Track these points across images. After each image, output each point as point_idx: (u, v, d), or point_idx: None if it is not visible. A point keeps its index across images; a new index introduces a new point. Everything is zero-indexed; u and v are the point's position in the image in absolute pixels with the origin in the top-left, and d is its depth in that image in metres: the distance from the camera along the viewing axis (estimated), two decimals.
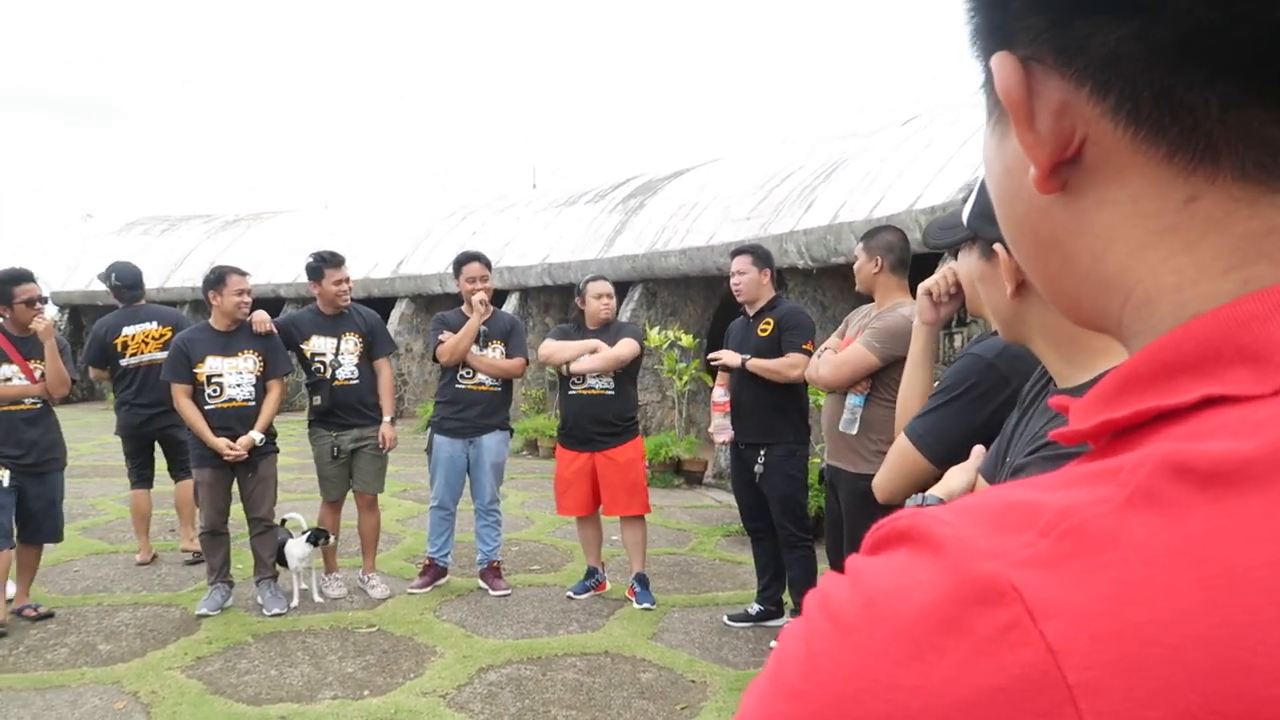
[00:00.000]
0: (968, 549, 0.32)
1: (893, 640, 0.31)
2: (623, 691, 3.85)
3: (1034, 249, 0.45)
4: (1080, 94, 0.38)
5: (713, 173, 11.80)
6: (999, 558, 0.32)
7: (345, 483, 5.16)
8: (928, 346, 2.22)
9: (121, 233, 19.16)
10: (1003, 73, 0.40)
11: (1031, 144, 0.40)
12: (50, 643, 4.34)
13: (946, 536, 0.34)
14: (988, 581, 0.31)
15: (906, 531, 0.36)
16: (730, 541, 6.47)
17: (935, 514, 0.35)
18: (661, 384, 10.62)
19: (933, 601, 0.31)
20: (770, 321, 4.39)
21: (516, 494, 8.12)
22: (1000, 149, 0.44)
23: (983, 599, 0.31)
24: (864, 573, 0.35)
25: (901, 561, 0.34)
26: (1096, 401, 0.39)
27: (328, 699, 3.74)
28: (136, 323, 5.86)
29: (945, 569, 0.32)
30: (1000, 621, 0.30)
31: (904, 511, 0.37)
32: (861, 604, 0.33)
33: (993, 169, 0.46)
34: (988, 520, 0.34)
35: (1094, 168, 0.40)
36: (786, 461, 4.41)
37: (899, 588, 0.33)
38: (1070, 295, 0.45)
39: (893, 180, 8.26)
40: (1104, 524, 0.32)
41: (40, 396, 4.60)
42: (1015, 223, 0.46)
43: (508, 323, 5.23)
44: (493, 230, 14.07)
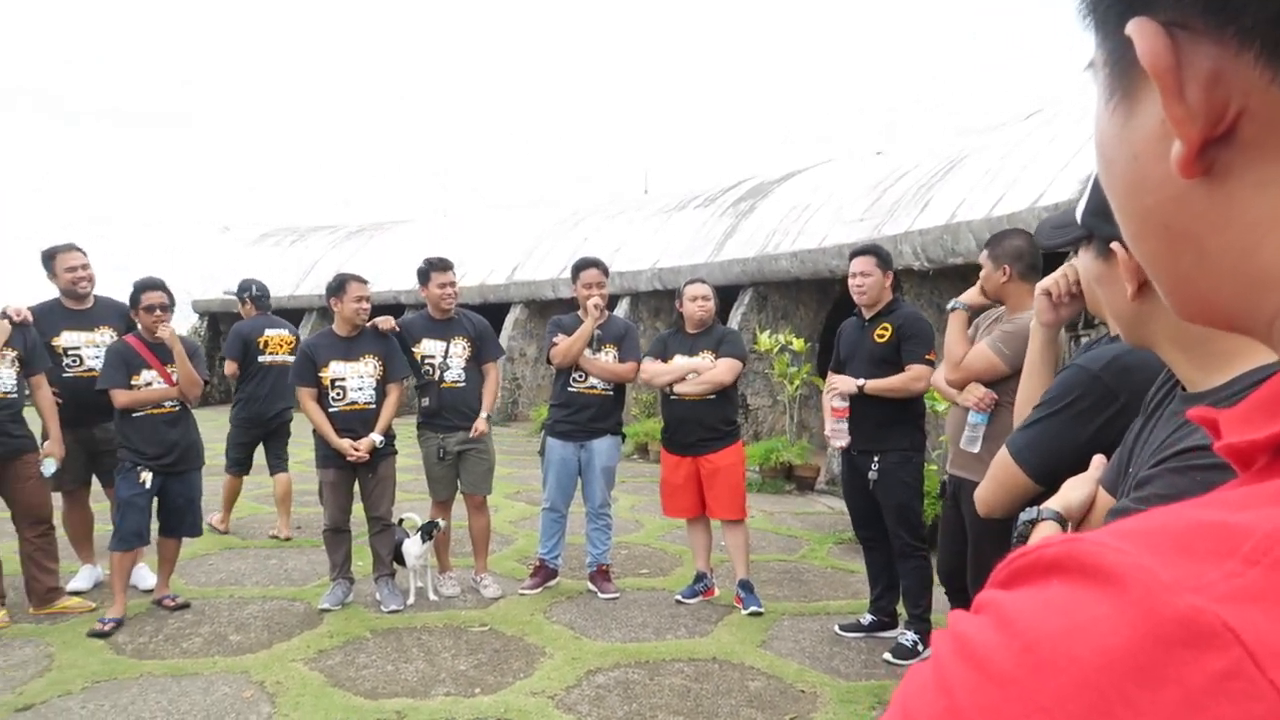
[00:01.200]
0: (1154, 580, 0.27)
1: (1071, 692, 0.26)
2: (730, 699, 3.81)
3: (1164, 244, 0.40)
4: (1239, 61, 0.34)
5: (825, 174, 11.62)
6: (1199, 591, 0.26)
7: (453, 484, 5.28)
8: (1046, 349, 2.11)
9: (255, 244, 20.17)
10: (1146, 39, 0.35)
11: (1181, 118, 0.35)
12: (186, 632, 4.58)
13: (1123, 565, 0.28)
14: (1193, 619, 0.26)
15: (1060, 561, 0.30)
16: (843, 549, 6.34)
17: (1100, 540, 0.30)
18: (772, 388, 10.51)
19: (1121, 644, 0.26)
20: (888, 327, 4.27)
21: (626, 498, 8.15)
22: (1124, 133, 0.39)
23: (1189, 641, 0.26)
24: (1012, 611, 0.30)
25: (1063, 596, 0.29)
26: (1265, 409, 0.34)
27: (441, 695, 3.82)
28: (275, 328, 6.66)
29: (1131, 605, 0.27)
30: (1215, 669, 0.25)
31: (1053, 538, 0.32)
32: (1020, 649, 0.28)
33: (1114, 157, 0.41)
34: (1170, 546, 0.29)
35: (1251, 145, 0.35)
36: (902, 468, 4.28)
37: (1069, 628, 0.28)
38: (1205, 295, 0.40)
39: (1015, 177, 7.95)
40: None
41: (178, 399, 4.85)
42: (1142, 216, 0.40)
43: (621, 327, 5.26)
44: (604, 235, 14.21)
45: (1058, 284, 2.03)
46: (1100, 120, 0.42)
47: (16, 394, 4.71)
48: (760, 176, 13.35)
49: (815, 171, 12.04)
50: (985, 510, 1.82)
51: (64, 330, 5.13)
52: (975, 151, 9.12)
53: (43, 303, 5.15)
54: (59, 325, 5.11)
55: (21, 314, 4.86)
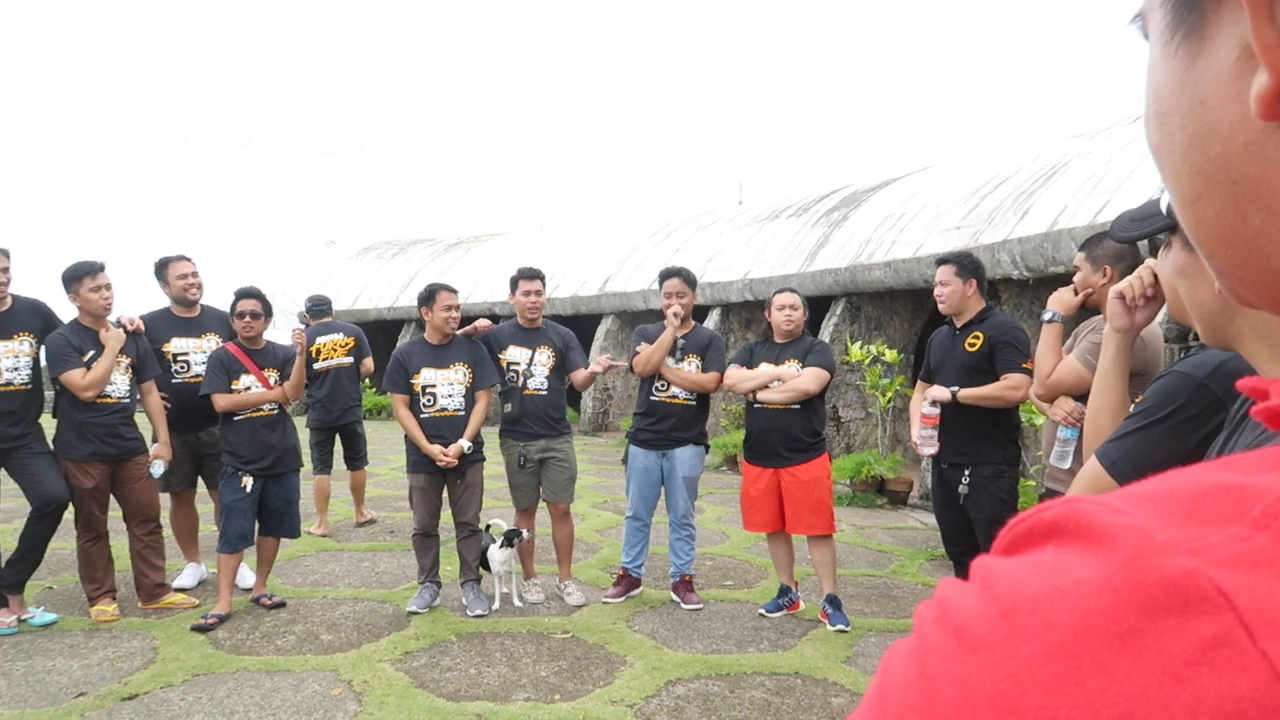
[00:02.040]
0: (1149, 541, 0.25)
1: (1044, 659, 0.24)
2: (813, 715, 3.73)
3: (1229, 205, 0.35)
4: None
5: (921, 181, 11.37)
6: (1195, 553, 0.25)
7: (535, 491, 5.33)
8: (1120, 357, 1.99)
9: (358, 257, 20.85)
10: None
11: (1271, 43, 0.31)
12: (280, 630, 4.73)
13: (1117, 525, 0.26)
14: (1180, 582, 0.24)
15: (1057, 523, 0.28)
16: (935, 566, 6.16)
17: (1100, 500, 0.28)
18: (864, 400, 10.32)
19: (1100, 609, 0.24)
20: (980, 335, 4.14)
21: (713, 509, 8.10)
22: (1189, 76, 0.35)
23: (1173, 605, 0.24)
24: (997, 575, 0.28)
25: (1051, 559, 0.27)
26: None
27: (521, 700, 3.85)
28: (326, 334, 7.05)
29: (1118, 566, 0.25)
30: (1201, 636, 0.23)
31: (1054, 500, 0.29)
32: (997, 613, 0.26)
33: (1171, 107, 0.36)
34: (1175, 507, 0.27)
35: None
36: (994, 482, 4.13)
37: (1049, 591, 0.26)
38: (1272, 265, 0.35)
39: (1120, 182, 7.63)
40: None
41: (277, 402, 5.04)
42: (1205, 172, 0.35)
43: (706, 337, 5.23)
44: (695, 246, 14.20)
45: (1132, 286, 1.92)
46: (1155, 70, 0.37)
47: (129, 399, 4.96)
48: (854, 185, 13.15)
49: (911, 179, 11.79)
50: None
51: (173, 337, 5.39)
52: (1078, 156, 8.79)
53: (153, 311, 5.43)
54: (169, 332, 5.38)
55: (135, 323, 5.13)
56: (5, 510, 4.92)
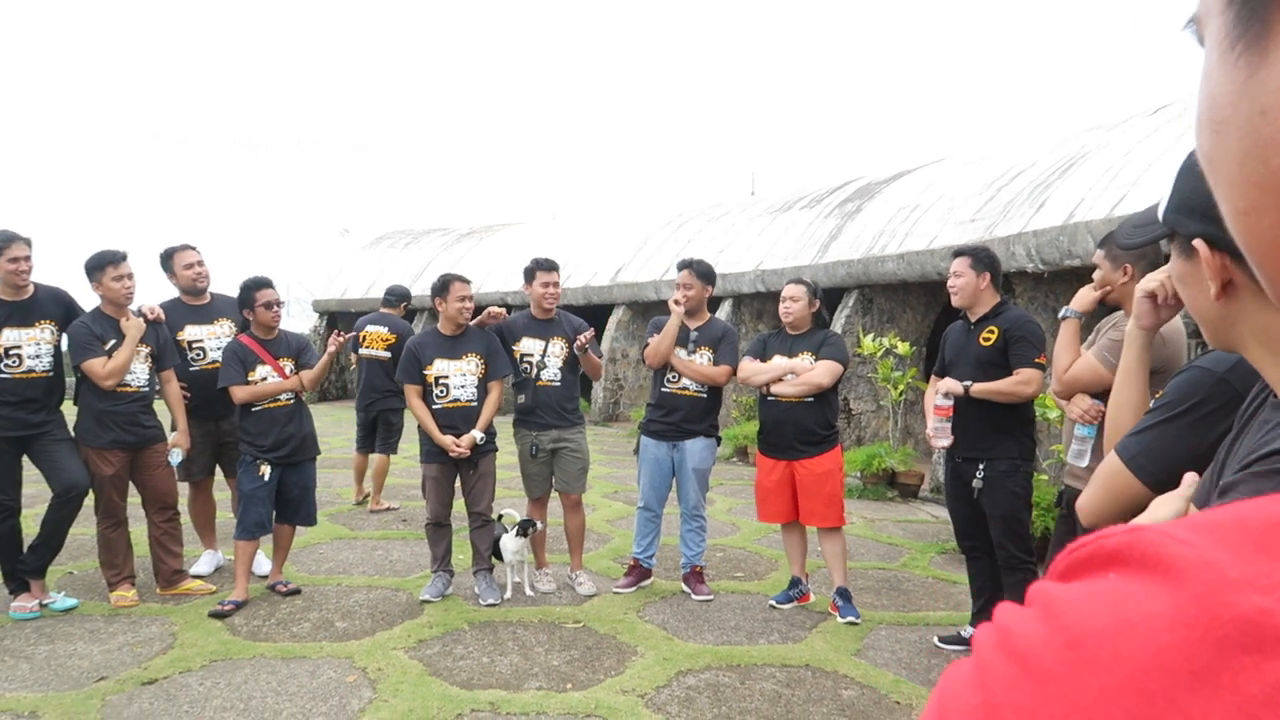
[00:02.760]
0: (1219, 577, 0.25)
1: (1114, 693, 0.24)
2: (822, 707, 3.76)
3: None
4: None
5: (936, 173, 11.33)
6: (1270, 590, 0.24)
7: (547, 481, 5.37)
8: (1143, 354, 2.00)
9: (371, 246, 20.92)
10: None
11: None
12: (296, 617, 4.79)
13: (1186, 558, 0.26)
14: (1257, 620, 0.24)
15: (1121, 551, 0.28)
16: (945, 559, 6.17)
17: (1166, 530, 0.28)
18: (876, 393, 10.31)
19: (1174, 645, 0.24)
20: (994, 330, 4.14)
21: (724, 500, 8.13)
22: (1250, 85, 0.34)
23: (1248, 645, 0.23)
24: (1061, 604, 0.28)
25: (1115, 589, 0.27)
26: None
27: (533, 689, 3.89)
28: (376, 324, 7.36)
29: (1190, 601, 0.25)
30: (1277, 677, 0.23)
31: (1116, 528, 0.29)
32: (1064, 644, 0.26)
33: (1230, 115, 0.35)
34: (1244, 540, 0.26)
35: None
36: (1009, 477, 4.14)
37: (1119, 623, 0.25)
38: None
39: (1138, 175, 7.59)
40: None
41: (293, 391, 5.08)
42: (1263, 183, 0.35)
43: (719, 330, 5.25)
44: (707, 237, 14.19)
45: (1164, 285, 1.92)
46: (1212, 77, 0.36)
47: (149, 388, 5.01)
48: (868, 177, 13.11)
49: (925, 171, 11.75)
50: (1090, 520, 1.74)
51: (187, 325, 5.43)
52: (1096, 149, 8.74)
53: (165, 301, 5.47)
54: (182, 320, 5.42)
55: (155, 312, 5.18)
56: (28, 496, 4.99)
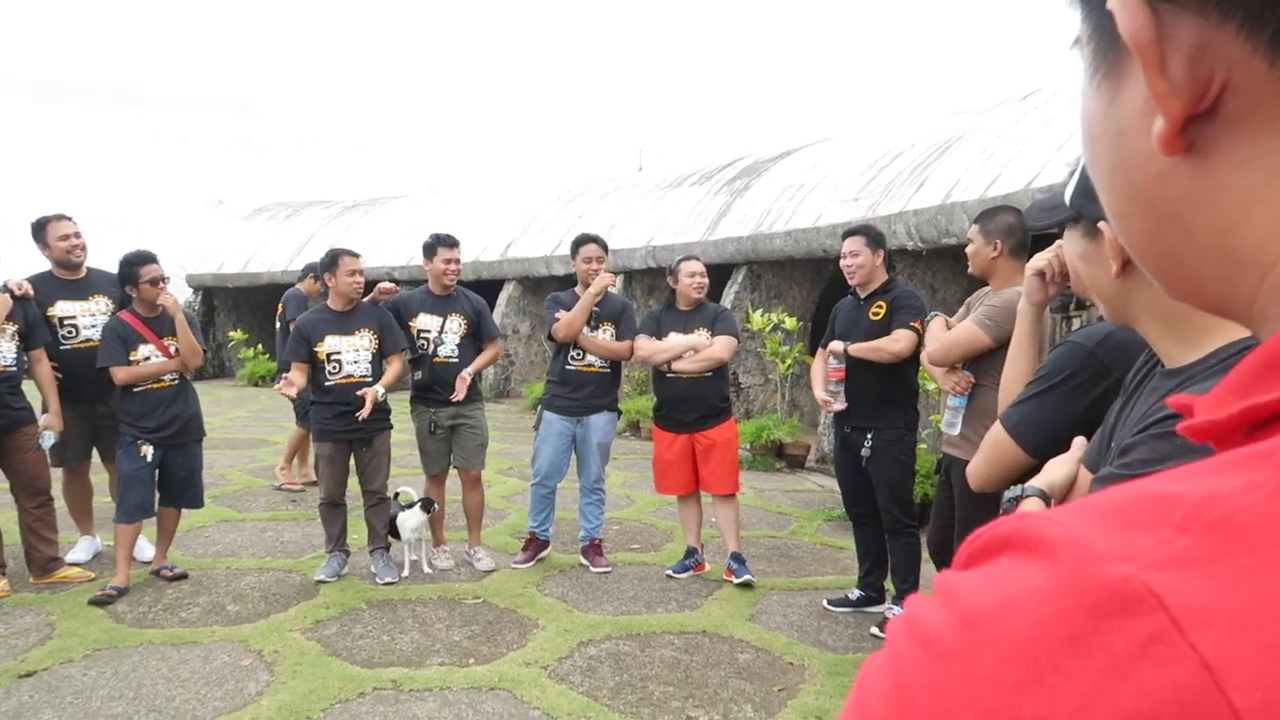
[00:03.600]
0: (1088, 551, 0.28)
1: (1005, 664, 0.27)
2: (720, 671, 3.89)
3: (1150, 223, 0.39)
4: (1222, 32, 0.33)
5: (821, 152, 11.63)
6: (1129, 559, 0.27)
7: (445, 458, 5.35)
8: (1034, 328, 2.16)
9: (249, 218, 20.11)
10: (1127, 11, 0.34)
11: (1163, 93, 0.34)
12: (184, 602, 4.64)
13: (1060, 538, 0.29)
14: (1118, 587, 0.27)
15: (1009, 538, 0.31)
16: (832, 526, 6.42)
17: (1045, 514, 0.31)
18: (764, 367, 10.57)
19: (1053, 615, 0.27)
20: (883, 305, 4.32)
21: (618, 474, 8.23)
22: (1110, 110, 0.39)
23: (1114, 609, 0.26)
24: (959, 589, 0.31)
25: (1005, 571, 0.30)
26: (1233, 390, 0.34)
27: (435, 665, 3.90)
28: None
29: (1063, 576, 0.28)
30: (1139, 635, 0.26)
31: (1005, 518, 0.33)
32: (961, 624, 0.29)
33: (1099, 134, 0.40)
34: (1111, 517, 0.29)
35: (1234, 121, 0.34)
36: (895, 446, 4.34)
37: (1006, 601, 0.28)
38: (1190, 275, 0.40)
39: (1010, 158, 7.99)
40: (1258, 514, 0.27)
41: (178, 371, 4.89)
42: (1128, 194, 0.40)
43: (618, 305, 5.29)
44: (599, 213, 14.21)
45: (1051, 264, 2.07)
46: (1085, 97, 0.41)
47: (16, 367, 4.74)
48: (755, 155, 13.35)
49: (811, 150, 12.05)
50: (978, 484, 1.86)
51: (58, 300, 5.14)
52: (971, 132, 9.14)
53: (35, 274, 5.16)
54: (53, 296, 5.12)
55: (23, 287, 4.89)
56: None
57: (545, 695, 3.61)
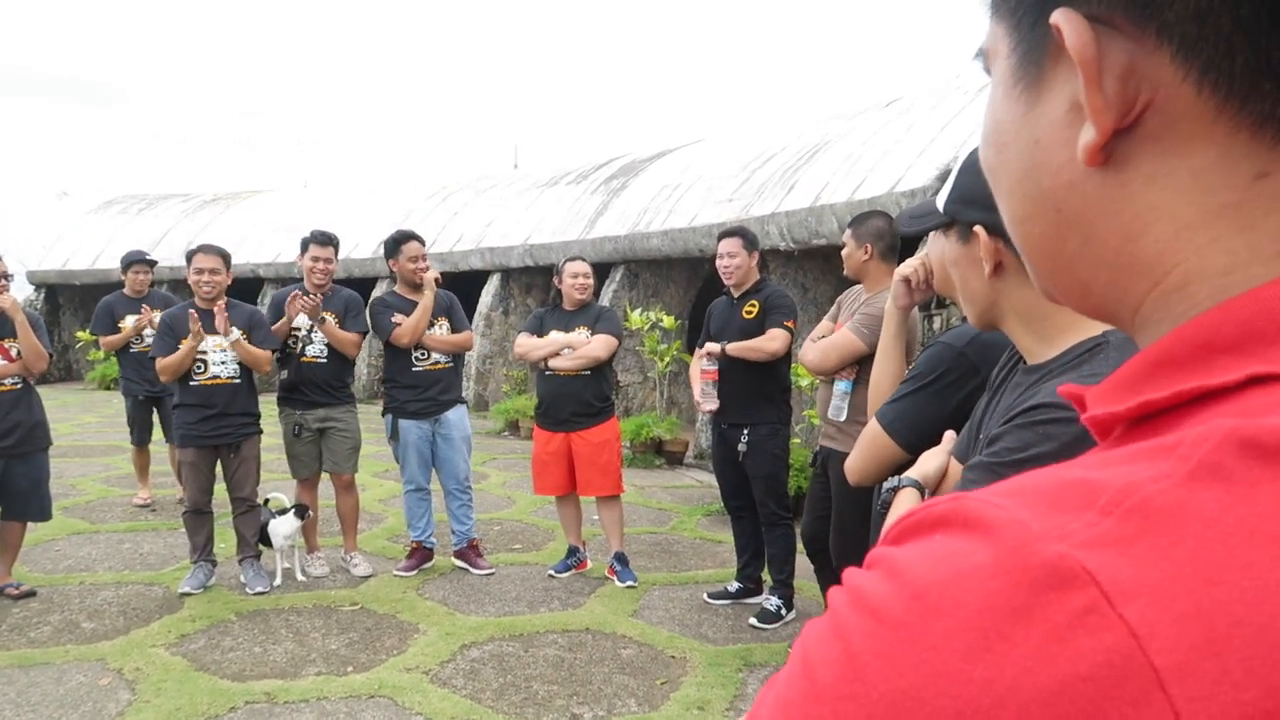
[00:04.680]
0: (1026, 531, 0.31)
1: (955, 632, 0.29)
2: (603, 667, 3.91)
3: (1053, 227, 0.42)
4: (1156, 57, 0.36)
5: (695, 154, 11.81)
6: (1062, 539, 0.30)
7: (315, 462, 5.19)
8: (900, 330, 2.26)
9: (98, 211, 18.94)
10: (1075, 30, 0.37)
11: (1099, 108, 0.37)
12: (33, 621, 4.35)
13: (1000, 519, 0.32)
14: (1056, 564, 0.29)
15: (947, 516, 0.34)
16: (710, 521, 6.54)
17: (982, 496, 0.33)
18: (643, 365, 10.66)
19: (998, 589, 0.30)
20: (755, 304, 4.42)
21: (498, 474, 8.15)
22: (1029, 119, 0.41)
23: (1053, 583, 0.29)
24: (902, 564, 0.33)
25: (948, 547, 0.32)
26: (1125, 385, 0.38)
27: (312, 675, 3.78)
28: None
29: (1006, 554, 0.30)
30: (1075, 606, 0.28)
31: (940, 498, 0.35)
32: (910, 596, 0.31)
33: (1009, 141, 0.43)
34: (1042, 500, 0.32)
35: (1151, 138, 0.37)
36: (770, 440, 4.45)
37: (953, 576, 0.31)
38: (1083, 279, 0.43)
39: (875, 162, 8.29)
40: (1170, 499, 0.30)
41: (20, 375, 4.57)
42: (1036, 199, 0.42)
43: (446, 300, 5.25)
44: (474, 211, 14.02)
45: (917, 271, 2.16)
46: (998, 105, 0.44)
47: None
48: (632, 155, 13.44)
49: (686, 151, 12.21)
50: (856, 479, 1.93)
51: None
52: (838, 137, 9.45)
53: None
54: None
55: None
56: None
57: (427, 700, 3.55)
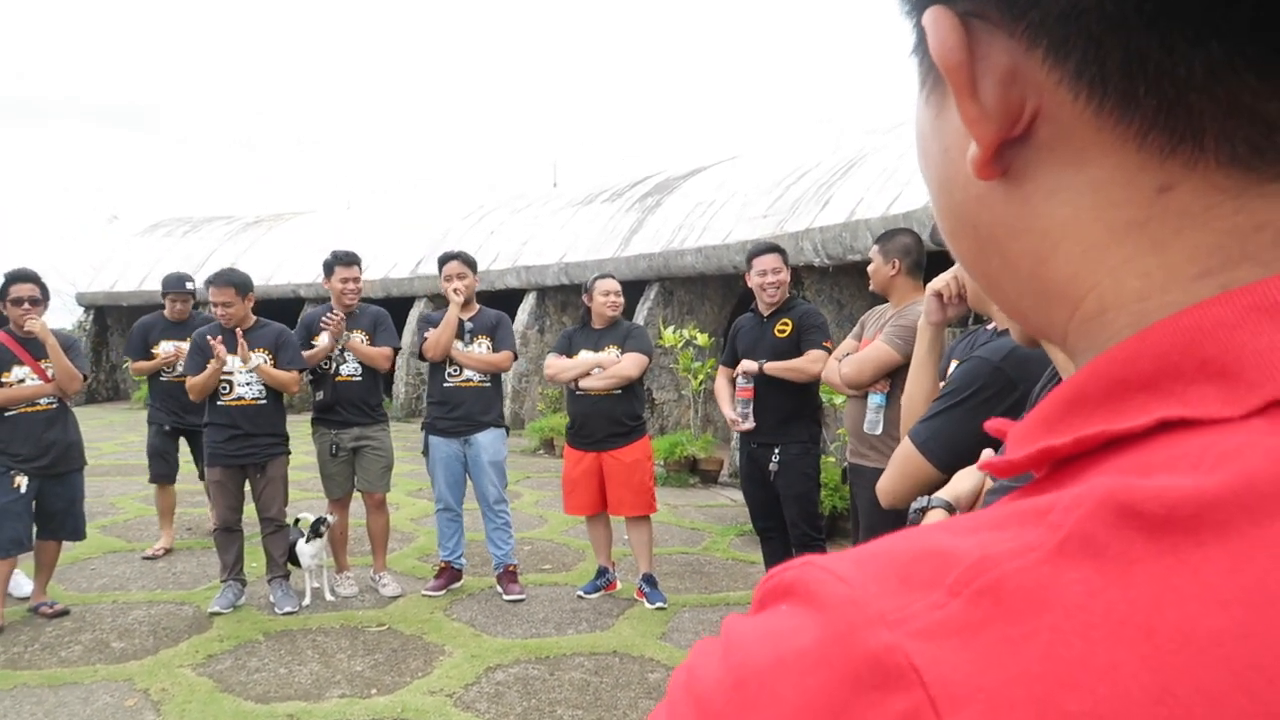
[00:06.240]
0: (860, 612, 0.27)
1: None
2: (630, 691, 3.83)
3: (974, 244, 0.37)
4: (1032, 57, 0.31)
5: (730, 170, 11.76)
6: (898, 625, 0.26)
7: (348, 481, 5.18)
8: (933, 347, 2.18)
9: (145, 234, 19.36)
10: (938, 31, 0.33)
11: (974, 118, 0.33)
12: (65, 640, 4.38)
13: (834, 596, 0.28)
14: (881, 658, 0.26)
15: (792, 585, 0.30)
16: (744, 541, 6.44)
17: (827, 564, 0.30)
18: (677, 383, 10.60)
19: (816, 686, 0.26)
20: (788, 323, 4.36)
21: (531, 493, 8.12)
22: (936, 124, 0.37)
23: (876, 681, 0.25)
24: (737, 639, 0.30)
25: (781, 625, 0.29)
26: (1037, 426, 0.33)
27: (335, 698, 3.75)
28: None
29: (832, 639, 0.27)
30: (897, 711, 0.25)
31: (795, 560, 0.32)
32: (731, 685, 0.28)
33: (928, 148, 0.38)
34: (892, 571, 0.28)
35: (1046, 148, 0.33)
36: (801, 460, 4.37)
37: (775, 664, 0.28)
38: (1012, 301, 0.38)
39: (910, 176, 8.18)
40: (1027, 580, 0.26)
41: (55, 395, 4.63)
42: (953, 213, 0.38)
43: (493, 318, 5.21)
44: (510, 229, 14.10)
45: (949, 286, 2.09)
46: (918, 110, 0.39)
47: None
48: (666, 172, 13.43)
49: (720, 168, 12.17)
50: (889, 501, 1.84)
51: None
52: (874, 151, 9.35)
53: None
54: None
55: None
56: None
57: None
